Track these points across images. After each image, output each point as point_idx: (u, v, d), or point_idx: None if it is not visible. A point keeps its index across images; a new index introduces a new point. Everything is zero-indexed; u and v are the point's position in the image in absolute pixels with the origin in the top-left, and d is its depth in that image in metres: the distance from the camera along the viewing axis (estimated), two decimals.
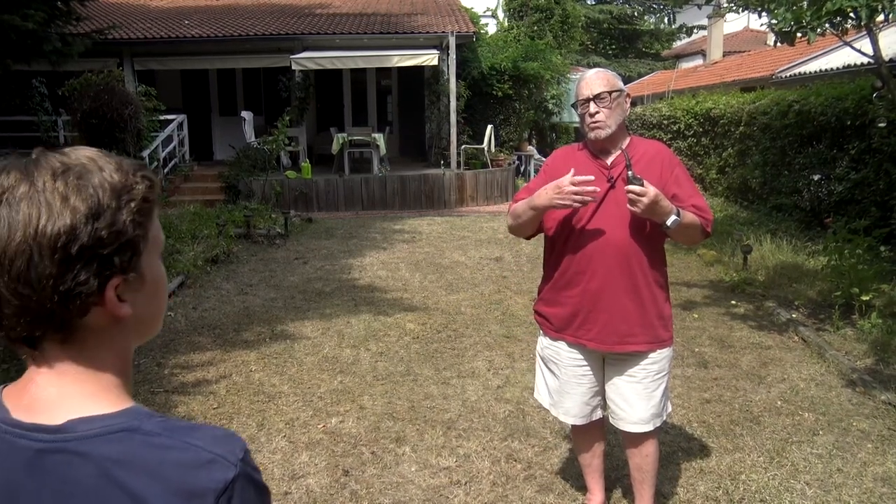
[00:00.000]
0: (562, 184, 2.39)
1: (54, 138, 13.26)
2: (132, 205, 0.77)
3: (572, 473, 3.37)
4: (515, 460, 3.55)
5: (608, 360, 2.69)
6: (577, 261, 2.56)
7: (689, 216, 2.46)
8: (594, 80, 2.53)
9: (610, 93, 2.50)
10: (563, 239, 2.60)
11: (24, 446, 0.76)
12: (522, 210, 2.59)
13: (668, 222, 2.38)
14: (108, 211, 0.75)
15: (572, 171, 2.42)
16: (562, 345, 2.70)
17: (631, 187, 2.32)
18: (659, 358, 2.62)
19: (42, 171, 0.74)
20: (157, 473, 0.73)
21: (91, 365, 0.79)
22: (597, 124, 2.49)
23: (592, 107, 2.49)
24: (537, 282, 2.90)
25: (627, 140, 2.60)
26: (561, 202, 2.40)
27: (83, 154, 0.78)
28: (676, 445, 3.69)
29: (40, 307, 0.73)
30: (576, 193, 2.37)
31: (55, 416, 0.76)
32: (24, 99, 12.77)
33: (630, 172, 2.35)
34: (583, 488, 3.17)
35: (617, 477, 3.34)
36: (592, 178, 2.40)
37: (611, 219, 2.50)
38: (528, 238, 2.79)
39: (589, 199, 2.39)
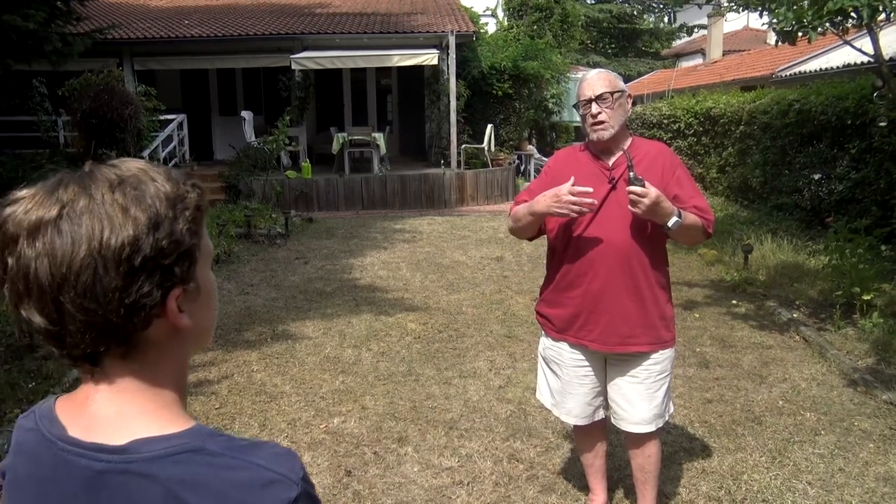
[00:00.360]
0: (560, 192, 2.39)
1: (54, 138, 13.26)
2: (187, 213, 0.77)
3: (574, 474, 3.37)
4: (517, 460, 3.56)
5: (610, 361, 2.70)
6: (578, 262, 2.56)
7: (691, 217, 2.46)
8: (596, 80, 2.53)
9: (612, 93, 2.50)
10: (564, 240, 2.60)
11: (83, 466, 0.75)
12: (522, 214, 2.61)
13: (670, 224, 2.38)
14: (166, 221, 0.74)
15: (572, 179, 2.41)
16: (564, 345, 2.70)
17: (632, 188, 2.32)
18: (661, 358, 2.62)
19: (99, 183, 0.74)
20: (223, 494, 0.73)
21: (150, 381, 0.79)
22: (599, 125, 2.49)
23: (595, 107, 2.50)
24: (538, 281, 2.90)
25: (629, 140, 2.60)
26: (559, 211, 2.42)
27: (133, 165, 0.78)
28: (678, 445, 3.70)
29: (106, 322, 0.73)
30: (574, 203, 2.38)
31: (116, 436, 0.75)
32: (24, 99, 12.76)
33: (632, 173, 2.35)
34: (585, 488, 3.17)
35: (619, 477, 3.34)
36: (591, 189, 2.40)
37: (612, 220, 2.50)
38: (530, 240, 2.80)
39: (586, 210, 2.40)
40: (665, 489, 3.21)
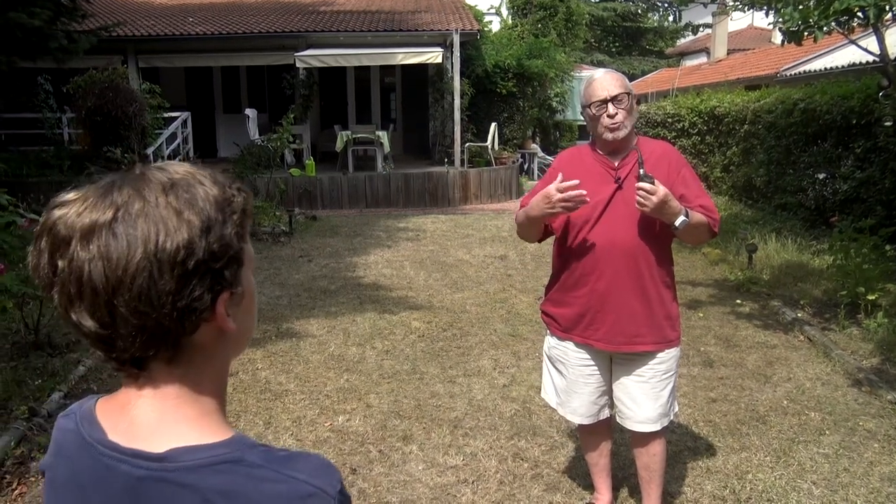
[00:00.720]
0: (549, 192, 2.39)
1: (59, 136, 13.30)
2: (234, 217, 0.77)
3: (579, 472, 3.38)
4: (522, 459, 3.56)
5: (616, 360, 2.70)
6: (584, 261, 2.56)
7: (697, 216, 2.47)
8: (609, 81, 2.52)
9: (627, 94, 2.51)
10: (570, 239, 2.60)
11: (124, 472, 0.75)
12: (522, 219, 2.63)
13: (677, 223, 2.39)
14: (216, 224, 0.74)
15: (559, 177, 2.41)
16: (569, 345, 2.71)
17: (642, 184, 2.33)
18: (666, 358, 2.63)
19: (152, 186, 0.74)
20: None
21: (193, 388, 0.78)
22: (615, 125, 2.48)
23: (612, 108, 2.48)
24: (542, 280, 2.91)
25: (635, 140, 2.60)
26: (551, 211, 2.42)
27: (181, 168, 0.78)
28: (683, 445, 3.70)
29: (158, 325, 0.72)
30: (565, 200, 2.37)
31: (156, 443, 0.75)
32: (29, 96, 12.80)
33: (641, 170, 2.36)
34: (590, 487, 3.18)
35: (624, 476, 3.34)
36: (577, 181, 2.38)
37: (618, 219, 2.50)
38: (539, 241, 2.80)
39: (579, 202, 2.38)
40: (670, 488, 3.21)
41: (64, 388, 4.28)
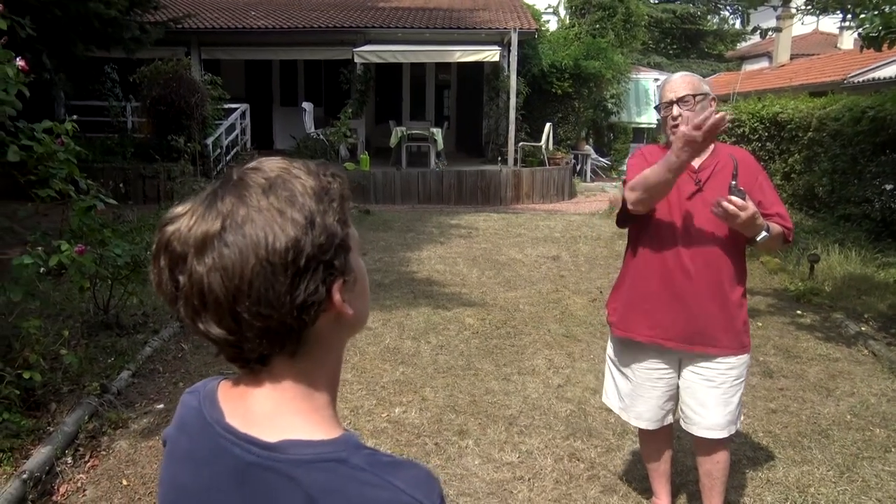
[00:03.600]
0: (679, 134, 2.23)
1: (123, 123, 13.71)
2: (334, 205, 0.78)
3: (636, 476, 3.36)
4: (578, 459, 3.56)
5: (685, 364, 2.68)
6: (661, 261, 2.55)
7: (776, 229, 2.45)
8: (679, 83, 2.52)
9: (694, 96, 2.48)
10: (647, 239, 2.59)
11: (236, 455, 0.78)
12: (657, 175, 2.34)
13: (759, 238, 2.36)
14: (318, 216, 0.75)
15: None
16: (638, 346, 2.69)
17: (733, 199, 2.28)
18: (738, 363, 2.59)
19: (251, 189, 0.75)
20: None
21: (309, 382, 0.81)
22: (678, 128, 2.46)
23: (675, 109, 2.48)
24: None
25: (712, 146, 2.56)
26: (693, 144, 2.21)
27: (274, 165, 0.79)
28: (742, 454, 3.64)
29: (280, 325, 0.74)
30: (693, 129, 2.18)
31: (269, 432, 0.77)
32: (96, 84, 13.23)
33: (734, 182, 2.32)
34: (647, 491, 3.16)
35: (681, 482, 3.32)
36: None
37: (697, 221, 2.49)
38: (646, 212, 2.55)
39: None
40: (729, 497, 3.16)
41: (132, 367, 4.44)
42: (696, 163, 2.53)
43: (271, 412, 0.79)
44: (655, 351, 2.66)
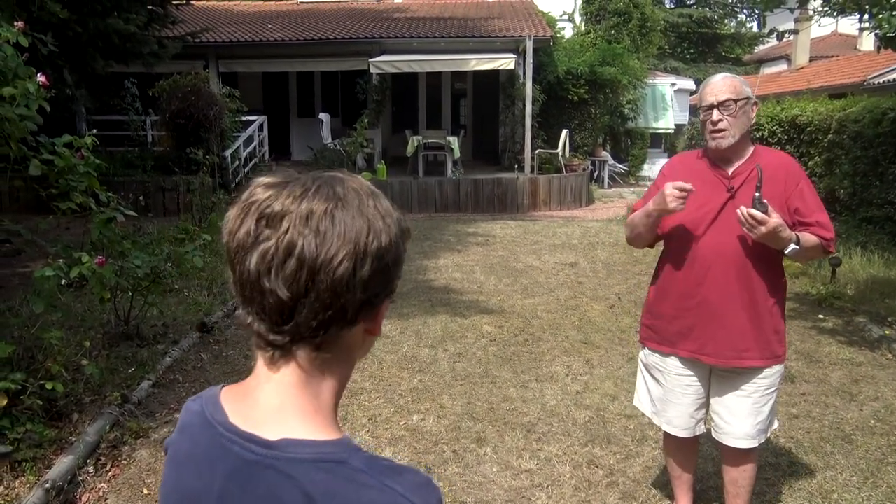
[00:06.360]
0: (665, 191, 2.37)
1: (142, 137, 13.89)
2: (405, 234, 0.84)
3: (656, 483, 3.34)
4: (597, 466, 3.54)
5: (717, 373, 2.63)
6: (695, 272, 2.50)
7: (810, 240, 2.38)
8: (720, 86, 2.44)
9: (736, 100, 2.40)
10: (679, 249, 2.55)
11: (235, 453, 0.79)
12: (639, 218, 2.57)
13: (787, 251, 2.33)
14: (400, 238, 0.82)
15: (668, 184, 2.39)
16: (669, 357, 2.65)
17: (753, 212, 2.25)
18: (771, 373, 2.55)
19: (361, 189, 0.80)
20: None
21: (318, 382, 0.82)
22: (719, 133, 2.41)
23: (716, 114, 2.41)
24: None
25: (751, 149, 2.50)
26: (669, 207, 2.37)
27: (363, 181, 0.84)
28: (764, 460, 3.59)
29: (342, 309, 0.77)
30: (676, 192, 2.34)
31: (270, 430, 0.79)
32: (116, 99, 13.42)
33: (758, 194, 2.27)
34: (667, 498, 3.14)
35: (702, 489, 3.28)
36: (690, 185, 2.36)
37: (730, 229, 2.42)
38: (650, 246, 2.76)
39: (687, 193, 2.35)
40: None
41: (152, 377, 4.48)
42: (729, 169, 2.49)
43: (275, 408, 0.80)
44: (689, 361, 2.62)
